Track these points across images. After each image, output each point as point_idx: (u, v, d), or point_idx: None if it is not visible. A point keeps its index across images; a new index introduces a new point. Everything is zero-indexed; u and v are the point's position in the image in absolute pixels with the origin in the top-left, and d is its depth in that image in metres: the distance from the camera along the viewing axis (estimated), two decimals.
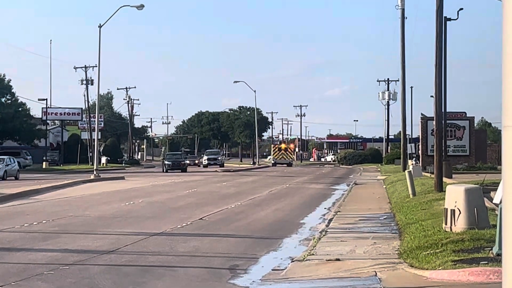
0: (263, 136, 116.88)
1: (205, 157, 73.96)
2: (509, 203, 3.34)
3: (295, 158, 76.26)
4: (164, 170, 56.37)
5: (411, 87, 71.88)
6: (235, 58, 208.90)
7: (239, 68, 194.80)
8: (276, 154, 72.46)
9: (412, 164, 43.40)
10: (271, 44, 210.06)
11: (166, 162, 57.82)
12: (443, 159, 24.64)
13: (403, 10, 48.13)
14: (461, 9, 31.56)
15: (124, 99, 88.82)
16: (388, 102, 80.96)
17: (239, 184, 36.27)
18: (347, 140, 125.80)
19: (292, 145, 74.88)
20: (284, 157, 71.94)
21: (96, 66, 46.09)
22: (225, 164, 79.10)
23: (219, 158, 73.98)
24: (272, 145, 75.68)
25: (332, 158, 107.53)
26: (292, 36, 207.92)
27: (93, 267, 10.46)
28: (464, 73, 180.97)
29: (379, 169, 60.27)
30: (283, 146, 73.42)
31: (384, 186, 33.11)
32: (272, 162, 74.86)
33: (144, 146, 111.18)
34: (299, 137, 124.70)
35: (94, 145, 50.36)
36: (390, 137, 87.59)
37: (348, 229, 15.42)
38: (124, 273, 10.12)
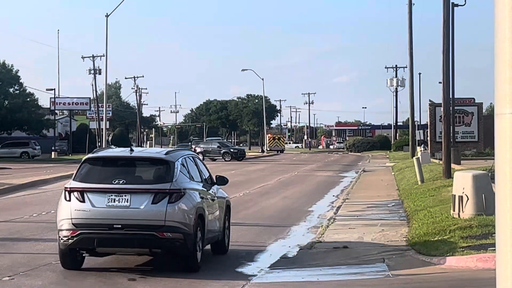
0: (271, 124, 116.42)
1: None
2: (501, 191, 3.31)
3: (285, 146, 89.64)
4: (227, 159, 53.68)
5: (419, 74, 71.37)
6: (243, 46, 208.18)
7: (247, 56, 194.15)
8: (271, 142, 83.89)
9: (421, 150, 43.21)
10: (279, 31, 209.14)
11: (231, 150, 54.87)
12: (451, 145, 24.48)
13: None
14: None
15: (132, 88, 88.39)
16: (396, 88, 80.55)
17: (247, 172, 36.19)
18: (356, 127, 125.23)
19: (283, 137, 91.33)
20: (278, 144, 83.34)
21: (104, 56, 45.89)
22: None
23: None
24: (267, 135, 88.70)
25: (335, 146, 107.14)
26: (299, 24, 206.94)
27: (100, 256, 10.39)
28: (473, 59, 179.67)
29: (387, 156, 60.07)
30: (276, 136, 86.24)
31: (393, 173, 33.00)
32: (268, 148, 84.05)
33: (153, 135, 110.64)
34: (308, 124, 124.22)
35: (102, 134, 50.21)
36: (398, 123, 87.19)
37: (356, 217, 15.36)
38: (131, 261, 10.05)
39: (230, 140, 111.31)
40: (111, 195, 9.02)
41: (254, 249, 11.44)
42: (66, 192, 9.27)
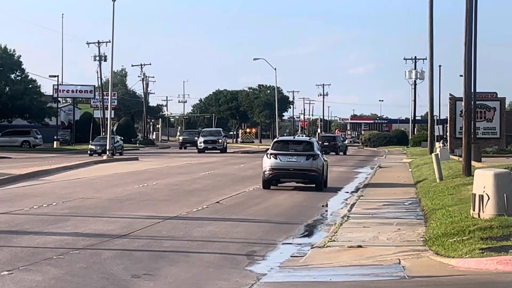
0: (283, 116, 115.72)
1: (201, 139, 54.50)
2: None
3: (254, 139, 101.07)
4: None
5: (439, 66, 70.60)
6: (255, 34, 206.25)
7: (259, 44, 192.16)
8: (243, 135, 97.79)
9: (440, 146, 42.50)
10: (293, 19, 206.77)
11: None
12: (472, 141, 23.85)
13: None
14: None
15: (138, 77, 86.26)
16: (415, 81, 79.56)
17: (257, 166, 35.22)
18: (372, 121, 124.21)
19: (253, 130, 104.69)
20: (248, 137, 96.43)
21: (110, 42, 44.42)
22: (241, 146, 77.80)
23: (220, 140, 54.50)
24: (240, 130, 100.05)
25: (349, 141, 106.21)
26: (315, 11, 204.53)
27: (104, 252, 10.21)
28: (495, 52, 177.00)
29: (404, 152, 59.45)
30: (247, 130, 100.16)
31: (410, 170, 32.53)
32: (241, 140, 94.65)
33: (159, 126, 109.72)
34: (321, 117, 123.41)
35: (107, 124, 49.36)
36: (416, 118, 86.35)
37: (371, 215, 15.05)
38: (136, 258, 9.89)
39: (235, 132, 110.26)
40: (288, 156, 20.88)
41: (264, 247, 11.15)
42: (268, 155, 21.07)
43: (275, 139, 23.15)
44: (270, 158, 20.91)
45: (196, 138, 59.55)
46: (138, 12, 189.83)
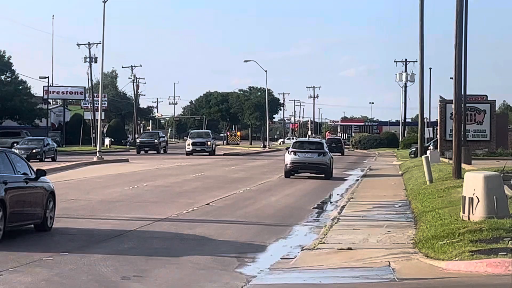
0: (274, 118, 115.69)
1: (189, 141, 52.56)
2: None
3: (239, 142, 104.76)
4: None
5: (430, 68, 70.98)
6: (246, 36, 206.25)
7: (250, 46, 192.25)
8: (229, 138, 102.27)
9: (430, 149, 42.65)
10: (284, 21, 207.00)
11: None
12: (462, 144, 23.94)
13: None
14: None
15: (129, 78, 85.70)
16: (405, 84, 79.75)
17: (248, 168, 35.62)
18: (362, 123, 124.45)
19: (238, 133, 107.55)
20: (234, 140, 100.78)
21: (100, 43, 44.24)
22: (233, 147, 77.68)
23: (209, 142, 52.59)
24: (227, 133, 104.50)
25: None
26: (306, 13, 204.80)
27: (94, 254, 10.14)
28: (486, 54, 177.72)
29: (395, 154, 59.64)
30: (233, 133, 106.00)
31: (400, 172, 32.59)
32: (227, 143, 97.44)
33: (150, 127, 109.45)
34: (312, 119, 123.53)
35: (97, 125, 49.04)
36: (407, 120, 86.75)
37: (361, 217, 15.09)
38: (126, 260, 9.86)
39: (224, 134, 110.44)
40: (304, 153, 27.12)
41: (254, 249, 11.15)
42: (289, 152, 27.27)
43: (294, 140, 32.04)
44: (290, 154, 26.96)
45: (156, 140, 56.55)
46: (129, 14, 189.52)
